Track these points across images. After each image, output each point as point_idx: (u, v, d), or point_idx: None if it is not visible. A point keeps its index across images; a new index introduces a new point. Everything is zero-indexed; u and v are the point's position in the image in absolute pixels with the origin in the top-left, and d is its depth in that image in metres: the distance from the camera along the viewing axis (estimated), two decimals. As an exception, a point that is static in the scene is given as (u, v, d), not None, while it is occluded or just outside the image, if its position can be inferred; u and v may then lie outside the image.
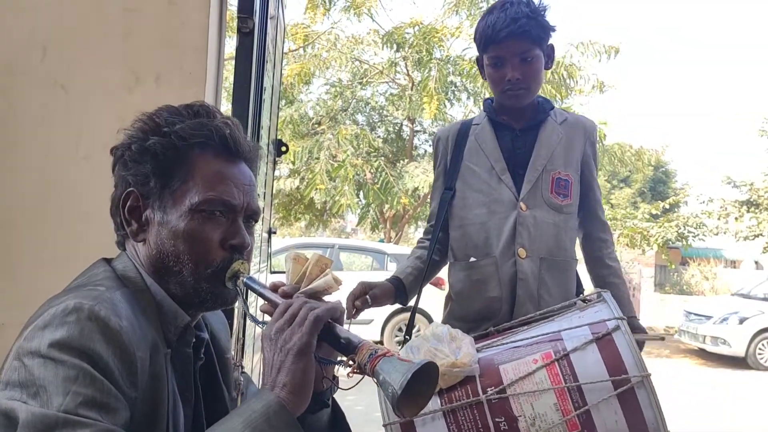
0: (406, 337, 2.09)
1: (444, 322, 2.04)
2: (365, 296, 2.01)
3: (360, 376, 0.98)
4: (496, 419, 1.40)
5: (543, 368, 1.41)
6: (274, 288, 1.11)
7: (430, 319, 8.28)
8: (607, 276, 2.09)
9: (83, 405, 0.85)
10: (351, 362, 0.98)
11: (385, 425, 1.44)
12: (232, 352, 1.32)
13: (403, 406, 0.92)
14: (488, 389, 1.42)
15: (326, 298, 1.10)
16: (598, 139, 2.14)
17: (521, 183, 2.00)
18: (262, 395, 0.97)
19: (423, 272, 2.12)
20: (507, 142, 2.06)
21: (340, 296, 1.11)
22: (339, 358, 1.03)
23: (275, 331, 1.00)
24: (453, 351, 1.49)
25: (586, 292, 1.98)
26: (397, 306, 2.48)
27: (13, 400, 0.85)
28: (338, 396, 1.22)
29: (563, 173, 2.02)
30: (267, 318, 1.16)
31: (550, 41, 2.05)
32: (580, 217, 2.10)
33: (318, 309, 0.99)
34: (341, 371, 1.05)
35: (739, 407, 7.38)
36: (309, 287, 1.09)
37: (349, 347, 0.99)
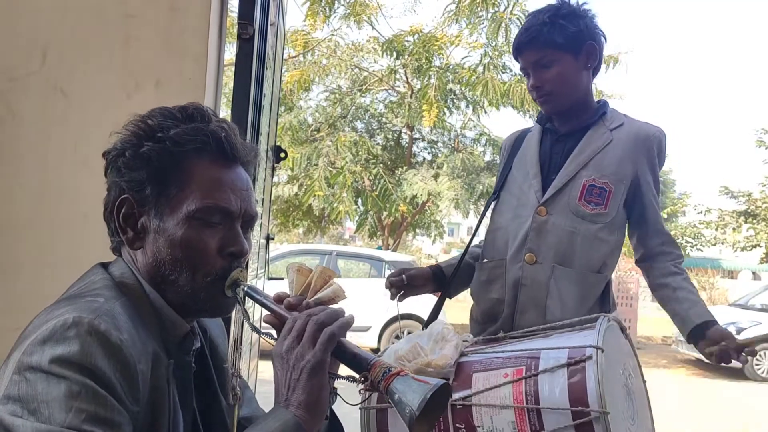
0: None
1: (469, 321, 2.10)
2: (401, 276, 2.10)
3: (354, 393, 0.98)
4: (457, 425, 1.41)
5: (510, 384, 1.39)
6: (279, 299, 1.09)
7: (425, 326, 8.26)
8: (675, 282, 1.96)
9: (87, 421, 0.85)
10: (363, 379, 0.98)
11: (361, 408, 1.44)
12: (230, 359, 1.31)
13: (418, 425, 0.92)
14: (456, 394, 1.42)
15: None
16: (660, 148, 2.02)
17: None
18: (277, 414, 0.96)
19: (469, 266, 2.15)
20: (546, 146, 2.03)
21: (343, 306, 1.10)
22: (348, 375, 1.03)
23: (286, 349, 0.99)
24: (434, 351, 1.50)
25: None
26: (396, 312, 2.53)
27: (14, 416, 0.84)
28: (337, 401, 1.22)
29: (599, 181, 1.92)
30: (266, 328, 1.15)
31: (589, 41, 1.95)
32: (635, 231, 2.01)
33: (332, 326, 0.99)
34: (338, 383, 1.05)
35: (736, 418, 7.36)
36: (316, 297, 1.07)
37: (362, 364, 0.99)
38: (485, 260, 2.07)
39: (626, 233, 2.03)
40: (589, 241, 1.91)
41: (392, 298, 2.15)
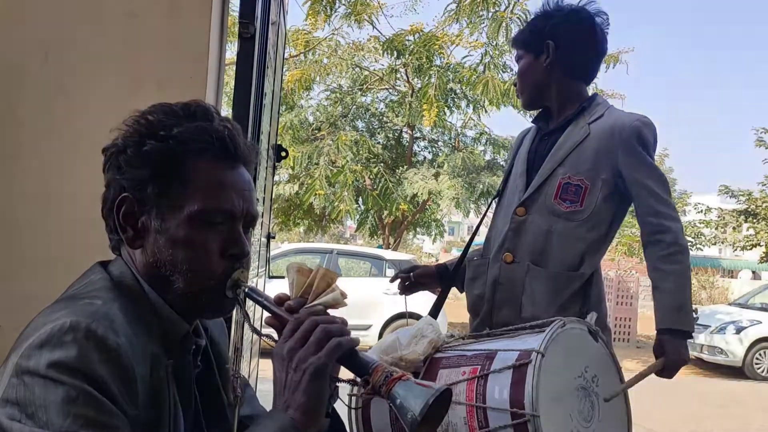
0: None
1: None
2: (410, 275, 2.27)
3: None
4: None
5: (465, 382, 1.45)
6: (279, 301, 1.07)
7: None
8: (655, 280, 1.90)
9: (85, 426, 0.84)
10: (365, 383, 0.98)
11: (349, 395, 1.47)
12: (231, 358, 1.31)
13: (420, 430, 0.93)
14: None
15: (331, 312, 1.07)
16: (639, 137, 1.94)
17: None
18: (276, 417, 0.96)
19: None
20: (534, 145, 2.09)
21: (344, 312, 1.10)
22: (350, 378, 1.03)
23: (288, 350, 0.98)
24: (409, 346, 1.56)
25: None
26: (395, 312, 2.61)
27: (13, 420, 0.84)
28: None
29: (575, 178, 1.92)
30: (267, 329, 1.15)
31: (548, 41, 2.01)
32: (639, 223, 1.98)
33: (341, 337, 0.99)
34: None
35: (736, 417, 7.37)
36: (317, 302, 1.06)
37: (363, 368, 0.99)
38: (474, 258, 2.15)
39: (610, 228, 2.00)
40: (565, 239, 1.93)
41: (401, 292, 2.31)
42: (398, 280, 2.32)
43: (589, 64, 2.09)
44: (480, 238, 2.41)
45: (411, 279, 2.27)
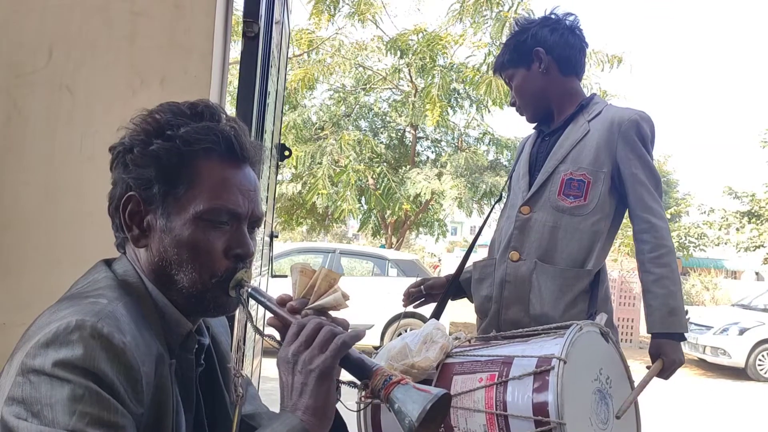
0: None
1: None
2: (420, 287, 2.28)
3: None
4: None
5: (483, 389, 1.44)
6: (282, 302, 1.08)
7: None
8: (645, 283, 1.93)
9: (91, 424, 0.85)
10: (364, 386, 0.98)
11: (357, 402, 1.49)
12: (233, 358, 1.31)
13: None
14: None
15: (333, 313, 1.08)
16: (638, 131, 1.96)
17: None
18: (284, 419, 0.96)
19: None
20: (536, 146, 2.13)
21: (346, 313, 1.10)
22: (350, 381, 1.02)
23: (292, 353, 0.98)
24: (420, 352, 1.55)
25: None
26: (398, 311, 2.62)
27: (19, 419, 0.84)
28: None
29: (577, 174, 1.95)
30: (271, 330, 1.15)
31: (536, 48, 2.05)
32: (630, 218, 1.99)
33: (344, 334, 0.99)
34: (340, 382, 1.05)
35: (739, 418, 7.35)
36: (318, 303, 1.06)
37: (364, 371, 0.99)
38: (481, 259, 2.16)
39: (613, 221, 2.01)
40: (571, 234, 1.94)
41: (405, 306, 2.30)
42: (409, 297, 2.31)
43: (578, 58, 2.12)
44: (483, 239, 2.42)
45: (422, 292, 2.29)
